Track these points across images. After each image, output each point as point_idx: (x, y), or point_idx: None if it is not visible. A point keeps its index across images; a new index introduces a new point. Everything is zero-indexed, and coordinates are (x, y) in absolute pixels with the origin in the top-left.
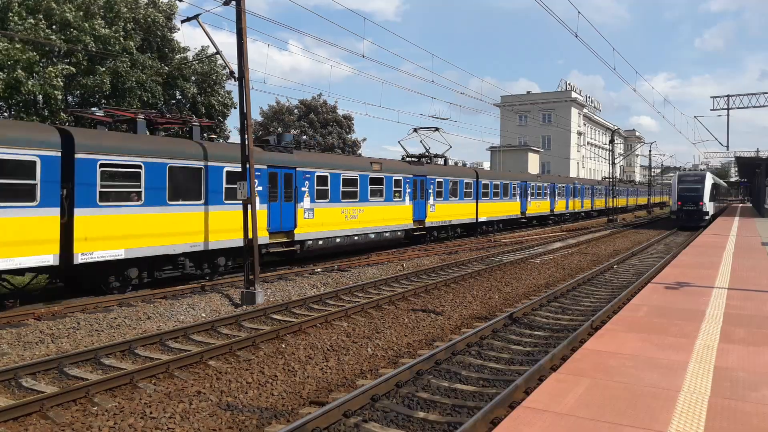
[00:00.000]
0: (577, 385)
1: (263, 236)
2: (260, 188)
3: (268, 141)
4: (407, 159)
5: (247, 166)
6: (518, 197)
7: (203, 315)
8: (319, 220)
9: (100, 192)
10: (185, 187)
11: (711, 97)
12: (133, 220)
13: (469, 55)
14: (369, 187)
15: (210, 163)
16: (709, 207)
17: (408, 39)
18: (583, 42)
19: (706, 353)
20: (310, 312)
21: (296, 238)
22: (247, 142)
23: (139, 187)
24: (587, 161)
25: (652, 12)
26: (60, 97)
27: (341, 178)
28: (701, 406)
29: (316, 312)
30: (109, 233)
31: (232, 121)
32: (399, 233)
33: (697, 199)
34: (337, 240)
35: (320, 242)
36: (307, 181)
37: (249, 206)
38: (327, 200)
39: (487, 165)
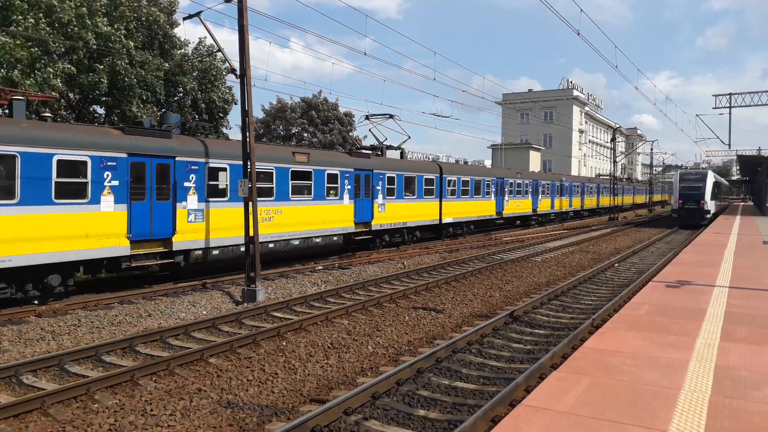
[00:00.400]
0: (578, 384)
1: (116, 245)
2: (115, 183)
3: (141, 123)
4: (352, 150)
5: (249, 163)
6: (493, 195)
7: (204, 312)
8: (212, 224)
9: None
10: None
11: (713, 96)
12: None
13: (471, 53)
14: (290, 182)
15: (29, 149)
16: (710, 205)
17: (410, 37)
18: (585, 40)
19: (707, 352)
20: (311, 310)
21: (176, 247)
22: (249, 140)
23: None
24: (589, 159)
25: (654, 11)
26: (56, 97)
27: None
28: (702, 405)
29: (317, 310)
30: None
31: (234, 118)
32: (335, 238)
33: (698, 198)
34: (242, 248)
35: (215, 251)
36: (193, 175)
37: (250, 204)
38: (225, 199)
39: (488, 163)
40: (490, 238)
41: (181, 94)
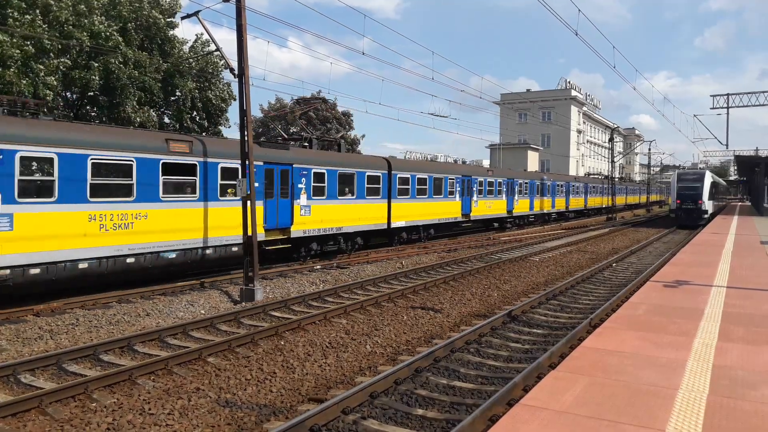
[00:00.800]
0: (576, 383)
1: None
2: None
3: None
4: (263, 140)
5: (247, 163)
6: (458, 196)
7: (202, 312)
8: (28, 233)
9: None
10: None
11: (711, 96)
12: None
13: (470, 53)
14: (161, 178)
15: None
16: (708, 205)
17: (408, 36)
18: (584, 40)
19: (704, 352)
20: (309, 309)
21: None
22: (247, 139)
23: None
24: (587, 159)
25: (653, 11)
26: (50, 97)
27: (89, 162)
28: (700, 405)
29: (315, 309)
30: None
31: (232, 116)
32: (235, 248)
33: (696, 198)
34: (81, 265)
35: (34, 270)
36: None
37: (249, 203)
38: (51, 199)
39: (486, 163)
40: (488, 237)
41: (179, 95)
